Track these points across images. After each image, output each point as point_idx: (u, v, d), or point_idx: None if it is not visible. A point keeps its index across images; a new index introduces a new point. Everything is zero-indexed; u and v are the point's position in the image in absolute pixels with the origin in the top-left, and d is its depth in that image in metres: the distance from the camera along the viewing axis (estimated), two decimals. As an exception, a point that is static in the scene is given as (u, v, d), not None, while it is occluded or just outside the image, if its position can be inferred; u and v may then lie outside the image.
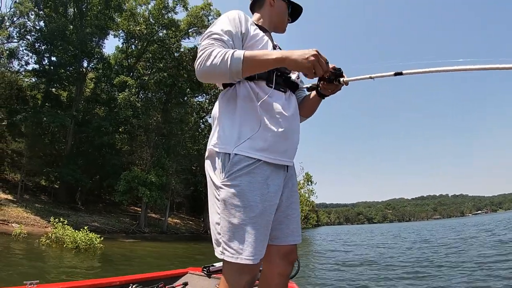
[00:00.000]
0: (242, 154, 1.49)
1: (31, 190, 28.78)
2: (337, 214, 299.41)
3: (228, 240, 1.45)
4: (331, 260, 13.99)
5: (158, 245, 21.22)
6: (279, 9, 1.89)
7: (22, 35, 28.02)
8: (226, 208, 1.47)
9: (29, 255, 11.22)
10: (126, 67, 33.94)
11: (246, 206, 1.45)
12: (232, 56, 1.41)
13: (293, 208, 1.73)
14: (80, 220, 23.10)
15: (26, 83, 30.21)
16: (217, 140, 1.58)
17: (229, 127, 1.56)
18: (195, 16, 32.24)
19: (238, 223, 1.44)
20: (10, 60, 28.30)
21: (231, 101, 1.61)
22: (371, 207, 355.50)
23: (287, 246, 1.69)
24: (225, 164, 1.51)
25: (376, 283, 8.48)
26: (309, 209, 71.61)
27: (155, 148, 29.94)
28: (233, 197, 1.46)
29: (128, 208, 35.31)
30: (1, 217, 18.51)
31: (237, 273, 1.46)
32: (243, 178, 1.47)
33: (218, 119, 1.63)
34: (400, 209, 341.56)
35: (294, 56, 1.43)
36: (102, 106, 30.96)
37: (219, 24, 1.59)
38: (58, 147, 31.14)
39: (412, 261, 12.03)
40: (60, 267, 9.59)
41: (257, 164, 1.50)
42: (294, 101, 1.74)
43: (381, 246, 20.00)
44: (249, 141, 1.51)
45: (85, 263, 10.75)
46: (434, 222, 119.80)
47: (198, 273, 3.44)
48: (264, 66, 1.47)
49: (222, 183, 1.49)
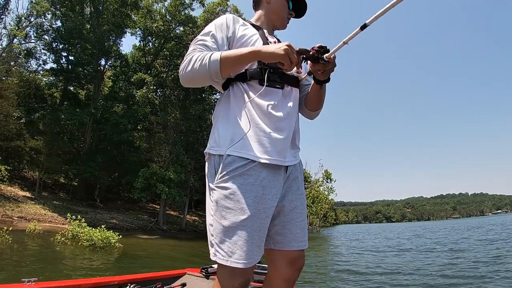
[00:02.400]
0: (235, 154, 1.49)
1: (50, 188, 29.02)
2: (355, 212, 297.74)
3: (219, 242, 1.45)
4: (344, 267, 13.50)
5: (176, 243, 20.93)
6: (275, 5, 1.87)
7: (39, 35, 28.28)
8: (218, 210, 1.47)
9: (41, 253, 10.93)
10: (143, 65, 33.93)
11: (238, 208, 1.44)
12: (210, 58, 1.47)
13: (298, 213, 1.67)
14: (98, 217, 23.13)
15: (44, 82, 30.47)
16: (212, 143, 1.60)
17: (223, 129, 1.58)
18: (212, 12, 31.79)
19: (229, 226, 1.44)
20: (28, 60, 28.61)
21: (225, 104, 1.64)
22: (389, 206, 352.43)
23: (293, 251, 1.64)
24: (219, 165, 1.52)
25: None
26: (328, 207, 70.56)
27: (174, 145, 29.70)
28: (224, 199, 1.46)
29: (147, 205, 35.46)
30: (19, 214, 18.51)
31: (230, 276, 1.44)
32: (235, 180, 1.46)
33: (214, 122, 1.67)
34: (419, 208, 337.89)
35: (268, 48, 1.46)
36: (120, 103, 30.96)
37: (205, 30, 1.66)
38: (77, 145, 31.41)
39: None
40: (72, 265, 9.24)
41: (251, 165, 1.48)
42: (293, 96, 1.72)
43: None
44: (242, 141, 1.50)
45: (99, 262, 10.40)
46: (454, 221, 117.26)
47: (197, 274, 3.40)
48: (240, 61, 1.50)
49: (215, 185, 1.51)
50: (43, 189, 26.05)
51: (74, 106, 28.60)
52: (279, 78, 1.64)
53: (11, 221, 17.13)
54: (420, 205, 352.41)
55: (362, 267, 11.48)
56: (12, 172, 25.25)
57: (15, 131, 24.66)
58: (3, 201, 19.39)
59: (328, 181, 62.56)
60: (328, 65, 1.54)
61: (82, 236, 13.50)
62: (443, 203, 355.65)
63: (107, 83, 33.86)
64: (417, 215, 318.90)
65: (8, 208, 18.59)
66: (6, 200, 19.71)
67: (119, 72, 31.99)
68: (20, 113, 25.88)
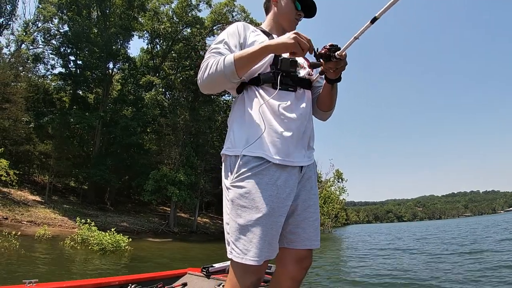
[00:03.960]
0: (250, 155, 1.52)
1: (60, 192, 29.06)
2: (366, 212, 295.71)
3: (235, 240, 1.48)
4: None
5: (188, 246, 20.70)
6: (283, 9, 1.89)
7: (47, 40, 28.43)
8: (234, 209, 1.50)
9: (50, 257, 10.67)
10: (152, 68, 33.85)
11: (253, 207, 1.46)
12: (224, 60, 1.52)
13: (311, 212, 1.69)
14: (109, 221, 23.08)
15: (52, 86, 30.58)
16: (228, 144, 1.64)
17: (239, 131, 1.61)
18: (219, 13, 31.65)
19: (244, 224, 1.46)
20: (36, 65, 28.72)
21: (240, 107, 1.68)
22: (400, 205, 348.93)
23: (303, 250, 1.66)
24: (235, 165, 1.54)
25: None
26: (340, 208, 69.71)
27: (183, 147, 29.57)
28: (240, 198, 1.49)
29: (157, 208, 35.42)
30: (28, 218, 18.39)
31: (243, 273, 1.47)
32: (250, 179, 1.49)
33: (230, 124, 1.70)
34: (430, 207, 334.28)
35: (277, 40, 1.52)
36: (129, 106, 30.96)
37: (218, 39, 1.71)
38: (86, 148, 31.44)
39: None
40: (81, 269, 9.00)
41: (266, 165, 1.51)
42: (306, 98, 1.75)
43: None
44: (257, 142, 1.53)
45: (109, 266, 10.13)
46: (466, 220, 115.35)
47: (198, 273, 3.42)
48: (253, 59, 1.53)
49: (230, 184, 1.53)
50: (53, 193, 26.06)
51: (83, 109, 28.63)
52: (291, 81, 1.67)
53: (20, 225, 17.00)
54: (431, 203, 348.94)
55: (388, 270, 11.05)
56: (22, 176, 25.28)
57: (25, 135, 24.67)
58: (13, 205, 19.28)
59: (339, 181, 61.73)
60: (340, 63, 1.57)
61: (92, 240, 13.26)
62: (455, 201, 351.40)
63: (116, 86, 33.92)
64: (428, 214, 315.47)
65: (17, 213, 18.48)
66: (16, 205, 19.60)
67: (127, 75, 31.95)
68: (29, 118, 25.93)
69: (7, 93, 22.20)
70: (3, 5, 27.77)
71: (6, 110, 21.74)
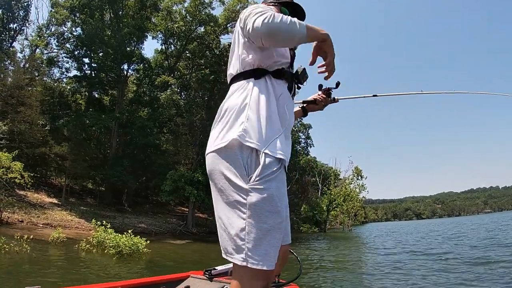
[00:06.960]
0: (273, 155, 1.43)
1: (77, 193, 29.15)
2: (384, 210, 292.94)
3: (253, 247, 1.36)
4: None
5: (207, 247, 20.10)
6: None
7: (60, 44, 28.58)
8: (256, 213, 1.38)
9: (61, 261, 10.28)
10: (166, 68, 33.71)
11: (275, 212, 1.40)
12: (298, 22, 1.46)
13: (288, 209, 1.65)
14: (127, 222, 22.91)
15: (68, 89, 30.68)
16: (243, 131, 1.44)
17: (255, 121, 1.47)
18: (232, 10, 31.26)
19: (268, 229, 1.38)
20: (50, 68, 28.83)
21: (257, 93, 1.54)
22: (419, 202, 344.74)
23: (284, 246, 1.68)
24: (251, 161, 1.43)
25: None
26: (360, 206, 68.41)
27: (201, 146, 29.23)
28: (264, 202, 1.38)
29: (175, 208, 35.42)
30: (44, 220, 18.17)
31: (254, 279, 1.38)
32: (272, 183, 1.41)
33: (243, 107, 1.52)
34: (449, 204, 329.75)
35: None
36: (145, 107, 30.86)
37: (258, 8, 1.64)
38: (103, 150, 31.47)
39: None
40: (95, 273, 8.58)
41: (282, 167, 1.47)
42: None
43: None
44: (275, 142, 1.47)
45: (125, 270, 9.69)
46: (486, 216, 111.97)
47: (200, 276, 3.39)
48: (316, 37, 1.54)
49: (251, 186, 1.40)
50: (70, 195, 26.14)
51: (99, 111, 28.62)
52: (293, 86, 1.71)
53: (35, 228, 16.79)
54: (450, 200, 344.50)
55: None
56: (39, 179, 25.26)
57: (41, 138, 24.74)
58: (29, 208, 19.09)
59: (358, 178, 60.45)
60: (331, 102, 1.91)
61: (108, 242, 12.82)
62: (474, 197, 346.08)
63: (131, 87, 33.89)
64: (447, 211, 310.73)
65: (33, 215, 18.26)
66: (32, 207, 19.43)
67: (142, 76, 31.86)
68: (44, 121, 26.02)
69: (22, 96, 22.21)
70: (16, 11, 27.94)
71: (21, 113, 21.73)
